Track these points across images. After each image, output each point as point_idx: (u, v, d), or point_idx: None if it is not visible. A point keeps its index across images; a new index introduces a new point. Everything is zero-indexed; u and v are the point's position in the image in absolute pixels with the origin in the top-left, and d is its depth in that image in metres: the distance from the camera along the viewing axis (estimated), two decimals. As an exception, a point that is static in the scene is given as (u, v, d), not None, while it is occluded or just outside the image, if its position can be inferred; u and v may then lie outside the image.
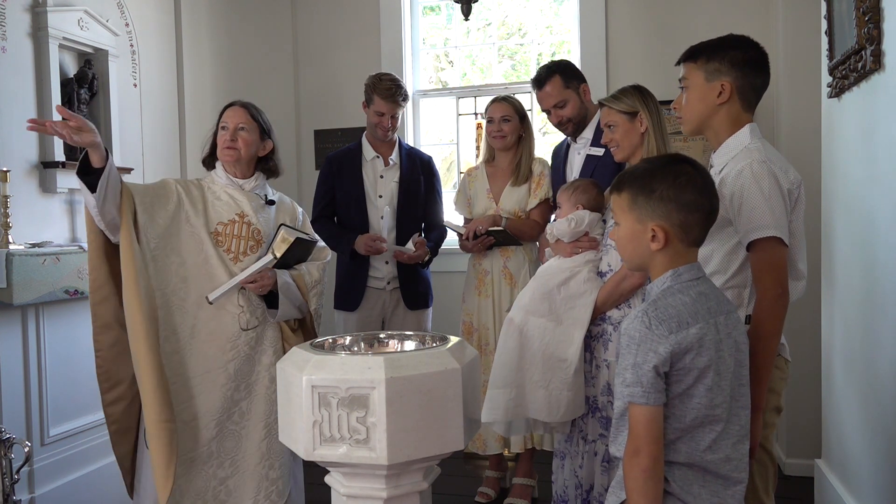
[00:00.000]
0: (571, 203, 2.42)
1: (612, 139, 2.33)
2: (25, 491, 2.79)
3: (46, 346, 2.94)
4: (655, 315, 1.50)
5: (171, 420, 2.20)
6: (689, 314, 1.50)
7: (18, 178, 2.96)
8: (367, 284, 3.34)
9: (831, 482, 2.77)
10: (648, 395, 1.47)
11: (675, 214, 1.54)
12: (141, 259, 2.24)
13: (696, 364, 1.49)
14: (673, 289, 1.55)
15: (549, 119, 3.03)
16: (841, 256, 2.68)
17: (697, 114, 1.91)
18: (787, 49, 3.45)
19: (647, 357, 1.48)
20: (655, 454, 1.47)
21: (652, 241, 1.56)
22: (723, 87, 1.86)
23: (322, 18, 4.59)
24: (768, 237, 1.73)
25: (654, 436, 1.47)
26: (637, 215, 1.58)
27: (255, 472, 2.41)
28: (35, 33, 3.07)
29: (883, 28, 2.16)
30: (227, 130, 2.45)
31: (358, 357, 1.82)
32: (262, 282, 2.37)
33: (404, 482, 1.81)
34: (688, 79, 1.91)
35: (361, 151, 3.43)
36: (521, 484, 3.22)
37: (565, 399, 2.19)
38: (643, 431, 1.47)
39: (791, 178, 1.80)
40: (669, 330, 1.48)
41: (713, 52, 1.88)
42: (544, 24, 4.56)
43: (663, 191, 1.55)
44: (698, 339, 1.49)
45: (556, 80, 2.92)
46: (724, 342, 1.53)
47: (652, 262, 1.59)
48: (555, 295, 2.28)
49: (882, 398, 2.25)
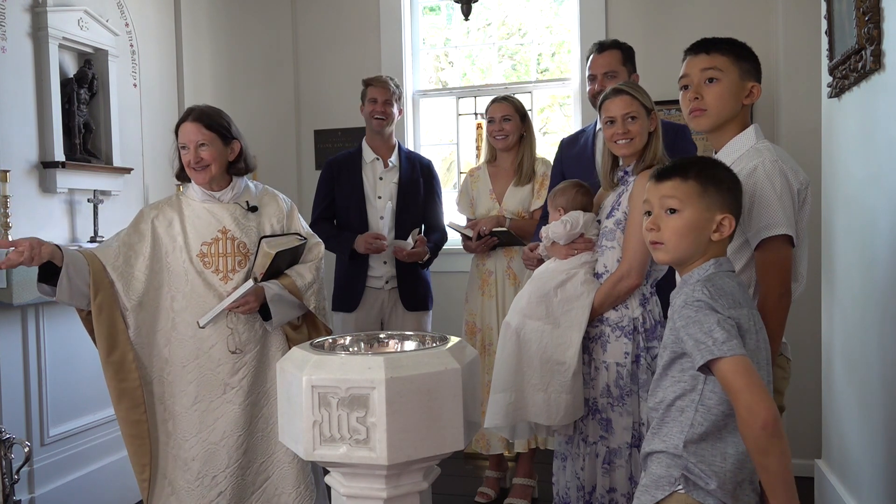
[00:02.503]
0: (553, 207, 2.40)
1: (630, 130, 2.21)
2: (25, 491, 2.79)
3: (46, 347, 2.94)
4: (714, 290, 1.48)
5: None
6: (740, 296, 1.51)
7: (18, 178, 2.96)
8: (366, 284, 3.35)
9: (831, 482, 2.77)
10: (742, 347, 1.41)
11: (736, 207, 1.59)
12: (121, 329, 2.30)
13: (749, 346, 1.47)
14: (720, 273, 1.55)
15: (589, 87, 2.91)
16: (841, 256, 2.68)
17: (728, 109, 1.86)
18: (787, 49, 3.45)
19: (725, 315, 1.44)
20: (770, 404, 1.37)
21: (715, 231, 1.56)
22: (752, 89, 1.86)
23: (322, 18, 4.59)
24: (778, 235, 1.73)
25: (760, 384, 1.39)
26: (707, 204, 1.56)
27: (292, 466, 2.46)
28: (35, 33, 3.06)
29: (883, 28, 2.15)
30: (188, 150, 2.34)
31: (358, 357, 1.82)
32: (248, 305, 2.33)
33: (404, 482, 1.80)
34: (722, 71, 1.84)
35: (361, 154, 3.44)
36: (522, 484, 3.22)
37: (564, 402, 2.18)
38: (748, 382, 1.38)
39: (801, 179, 1.80)
40: (729, 304, 1.47)
41: (741, 52, 1.87)
42: (544, 24, 4.56)
43: (730, 183, 1.59)
44: (748, 320, 1.50)
45: (616, 53, 2.84)
46: (760, 332, 1.53)
47: (702, 252, 1.58)
48: (552, 298, 2.26)
49: (882, 398, 2.25)
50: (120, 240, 2.36)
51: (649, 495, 1.53)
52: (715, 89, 1.85)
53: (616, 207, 2.28)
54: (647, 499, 1.54)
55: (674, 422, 1.52)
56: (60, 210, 3.21)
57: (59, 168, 3.09)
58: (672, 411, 1.53)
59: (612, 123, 2.24)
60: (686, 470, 1.49)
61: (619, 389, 2.19)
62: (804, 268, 1.88)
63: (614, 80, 2.75)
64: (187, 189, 2.47)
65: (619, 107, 2.22)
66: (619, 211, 2.26)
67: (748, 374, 1.38)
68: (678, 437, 1.50)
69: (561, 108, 4.52)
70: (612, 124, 2.24)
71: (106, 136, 3.43)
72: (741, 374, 1.39)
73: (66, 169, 3.12)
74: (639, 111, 2.22)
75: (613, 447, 2.20)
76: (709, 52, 1.86)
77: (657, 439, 1.56)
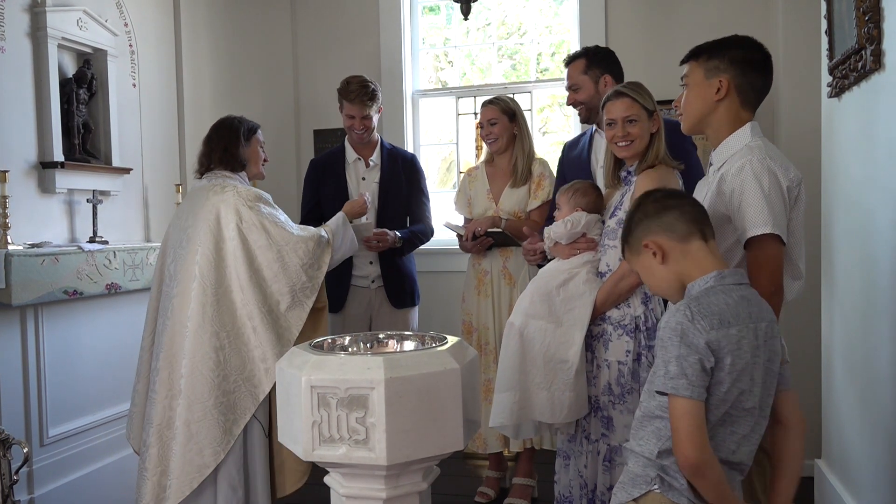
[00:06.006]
0: (570, 206, 2.41)
1: (630, 133, 2.23)
2: (25, 492, 2.78)
3: (45, 347, 2.94)
4: (698, 310, 1.50)
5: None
6: (731, 315, 1.51)
7: (17, 179, 2.95)
8: (352, 283, 3.36)
9: (831, 482, 2.77)
10: (693, 388, 1.46)
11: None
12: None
13: (736, 366, 1.49)
14: (716, 289, 1.56)
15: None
16: (841, 256, 2.68)
17: (696, 110, 1.93)
18: (787, 49, 3.45)
19: (691, 349, 1.47)
20: (697, 452, 1.46)
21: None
22: (720, 83, 1.87)
23: (321, 18, 4.59)
24: (766, 234, 1.73)
25: (697, 428, 1.46)
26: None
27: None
28: (34, 33, 3.06)
29: (883, 28, 2.15)
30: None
31: (357, 357, 1.82)
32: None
33: (403, 482, 1.80)
34: (688, 76, 1.94)
35: (344, 154, 3.44)
36: (521, 484, 3.21)
37: (567, 400, 2.19)
38: (683, 425, 1.46)
39: (791, 176, 1.80)
40: (711, 326, 1.48)
41: (714, 50, 1.90)
42: (544, 24, 4.55)
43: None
44: (737, 340, 1.50)
45: (579, 62, 2.88)
46: (760, 349, 1.53)
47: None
48: (554, 297, 2.28)
49: (882, 398, 2.25)
50: None
51: (626, 493, 1.59)
52: (686, 95, 1.96)
53: (619, 207, 2.29)
54: (624, 496, 1.59)
55: (652, 431, 1.57)
56: (59, 210, 3.21)
57: (58, 168, 3.09)
58: (653, 420, 1.57)
59: (613, 125, 2.26)
60: (661, 471, 1.54)
61: (620, 387, 2.20)
62: (803, 264, 1.88)
63: (577, 92, 2.88)
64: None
65: (619, 109, 2.24)
66: (621, 210, 2.27)
67: (686, 417, 1.46)
68: (654, 445, 1.56)
69: (561, 108, 4.51)
70: (613, 126, 2.26)
71: (105, 137, 3.43)
72: (678, 416, 1.47)
73: (65, 169, 3.11)
74: (639, 114, 2.23)
75: (614, 445, 2.21)
76: (684, 62, 1.98)
77: (635, 441, 1.61)
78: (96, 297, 3.15)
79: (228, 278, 2.51)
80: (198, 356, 2.45)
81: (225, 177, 2.66)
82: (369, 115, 3.31)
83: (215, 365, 2.45)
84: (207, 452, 2.42)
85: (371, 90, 3.29)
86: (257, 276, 2.53)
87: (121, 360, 3.27)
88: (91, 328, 3.17)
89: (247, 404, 2.48)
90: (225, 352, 2.47)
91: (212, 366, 2.45)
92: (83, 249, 3.00)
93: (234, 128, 2.71)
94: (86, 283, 2.98)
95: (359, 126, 3.31)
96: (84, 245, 3.06)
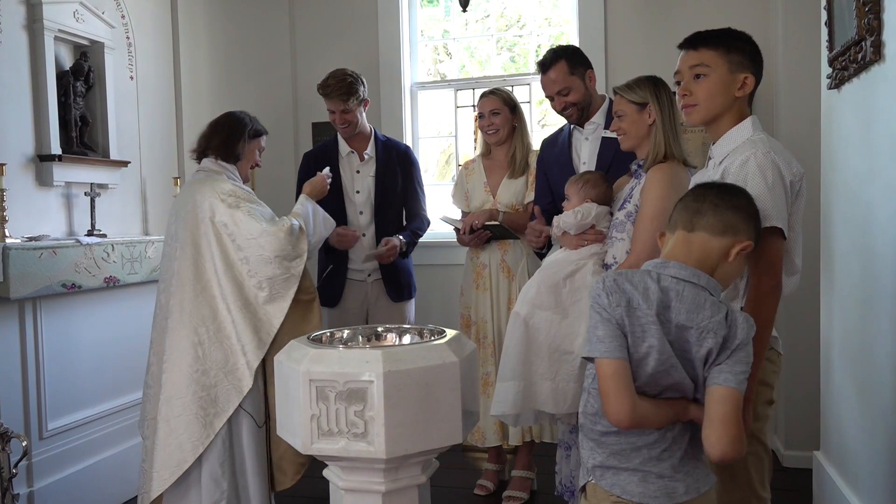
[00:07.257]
0: (581, 197, 2.42)
1: (620, 128, 2.31)
2: (24, 485, 2.79)
3: (44, 340, 2.93)
4: (613, 284, 1.51)
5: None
6: (641, 298, 1.48)
7: (15, 172, 2.95)
8: (348, 277, 3.36)
9: (830, 474, 2.77)
10: (617, 348, 1.47)
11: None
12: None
13: (643, 344, 1.48)
14: (652, 272, 1.53)
15: (552, 105, 2.91)
16: (840, 248, 2.68)
17: (718, 104, 1.86)
18: (787, 40, 3.44)
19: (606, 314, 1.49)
20: (626, 408, 1.47)
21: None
22: (745, 80, 1.84)
23: (320, 10, 4.57)
24: (769, 228, 1.72)
25: (621, 390, 1.48)
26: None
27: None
28: (30, 25, 3.04)
29: (883, 19, 2.14)
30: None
31: (356, 351, 1.82)
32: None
33: (402, 476, 1.81)
34: (710, 66, 1.85)
35: (337, 147, 3.43)
36: (521, 476, 3.22)
37: (571, 391, 2.21)
38: (612, 386, 1.47)
39: (794, 171, 1.79)
40: (615, 303, 1.48)
41: (733, 43, 1.85)
42: (543, 16, 4.53)
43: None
44: (634, 324, 1.48)
45: (561, 65, 2.80)
46: (675, 343, 1.48)
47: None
48: (561, 288, 2.29)
49: (880, 391, 2.25)
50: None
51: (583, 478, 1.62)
52: (703, 85, 1.86)
53: (628, 199, 2.32)
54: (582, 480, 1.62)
55: (584, 397, 1.60)
56: (57, 203, 3.20)
57: (55, 161, 3.08)
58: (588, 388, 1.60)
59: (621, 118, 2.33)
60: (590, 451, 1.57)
61: None
62: (800, 260, 1.88)
63: (568, 94, 2.80)
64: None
65: (614, 105, 2.34)
66: (630, 203, 2.29)
67: (615, 378, 1.46)
68: (581, 411, 1.60)
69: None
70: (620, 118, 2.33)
71: (103, 129, 3.42)
72: (607, 377, 1.47)
73: (62, 162, 3.10)
74: (626, 109, 2.28)
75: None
76: (696, 47, 1.87)
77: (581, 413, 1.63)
78: (95, 291, 3.14)
79: (207, 273, 2.54)
80: (175, 352, 2.49)
81: (211, 170, 2.69)
82: (349, 109, 3.28)
83: (193, 360, 2.48)
84: (187, 447, 2.46)
85: (349, 83, 3.25)
86: (232, 270, 2.55)
87: (119, 353, 3.27)
88: (89, 322, 3.16)
89: (230, 398, 2.50)
90: (204, 347, 2.49)
91: (190, 361, 2.48)
92: (81, 243, 2.99)
93: (243, 123, 2.75)
94: (84, 277, 2.98)
95: (340, 121, 3.31)
96: (82, 238, 3.06)
